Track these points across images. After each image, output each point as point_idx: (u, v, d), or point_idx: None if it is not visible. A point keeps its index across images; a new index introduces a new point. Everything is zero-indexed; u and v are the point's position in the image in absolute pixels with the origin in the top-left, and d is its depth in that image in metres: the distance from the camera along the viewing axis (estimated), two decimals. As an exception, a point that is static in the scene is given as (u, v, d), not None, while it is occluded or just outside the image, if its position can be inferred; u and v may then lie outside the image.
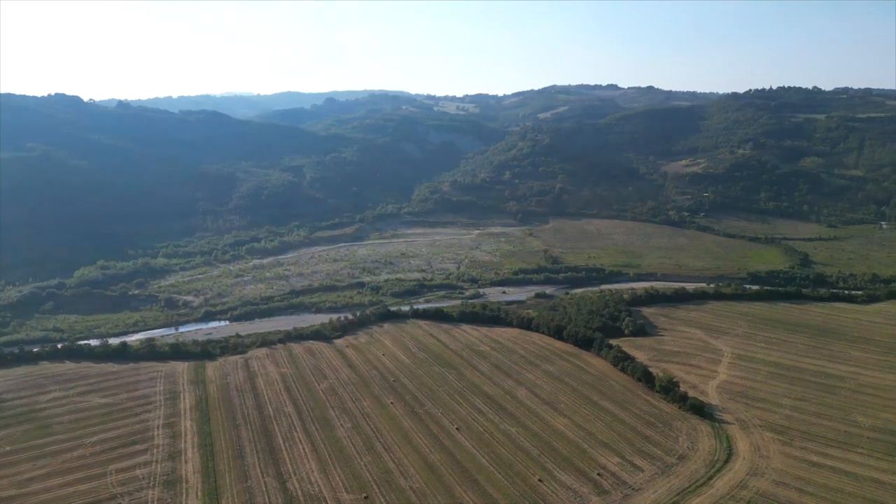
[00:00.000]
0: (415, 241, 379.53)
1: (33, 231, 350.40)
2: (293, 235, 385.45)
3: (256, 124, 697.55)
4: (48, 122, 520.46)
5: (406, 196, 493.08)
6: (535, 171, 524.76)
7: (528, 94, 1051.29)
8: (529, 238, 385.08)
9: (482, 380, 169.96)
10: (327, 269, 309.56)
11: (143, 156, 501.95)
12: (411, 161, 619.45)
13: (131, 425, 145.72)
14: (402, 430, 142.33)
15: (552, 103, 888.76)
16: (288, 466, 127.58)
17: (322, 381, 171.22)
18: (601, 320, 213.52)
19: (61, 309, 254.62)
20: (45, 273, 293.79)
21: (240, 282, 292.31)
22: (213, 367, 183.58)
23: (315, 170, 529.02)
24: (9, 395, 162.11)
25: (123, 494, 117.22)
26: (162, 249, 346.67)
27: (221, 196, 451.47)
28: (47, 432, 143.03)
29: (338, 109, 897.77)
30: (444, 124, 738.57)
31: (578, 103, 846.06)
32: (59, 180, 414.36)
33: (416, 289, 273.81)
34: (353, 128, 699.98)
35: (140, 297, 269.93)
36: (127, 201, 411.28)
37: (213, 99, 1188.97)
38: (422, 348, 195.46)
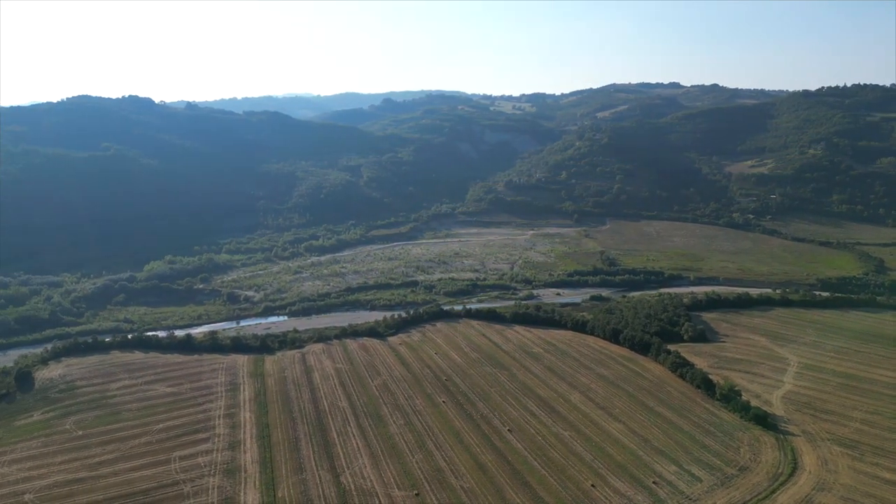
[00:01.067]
0: (468, 241, 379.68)
1: (107, 226, 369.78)
2: (350, 234, 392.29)
3: (316, 125, 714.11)
4: (122, 123, 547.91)
5: (460, 196, 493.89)
6: (592, 171, 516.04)
7: (587, 93, 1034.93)
8: (585, 239, 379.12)
9: (535, 382, 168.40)
10: (382, 268, 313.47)
11: (210, 155, 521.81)
12: (466, 161, 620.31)
13: (194, 414, 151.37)
14: (454, 429, 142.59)
15: (611, 102, 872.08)
16: (341, 460, 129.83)
17: (376, 377, 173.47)
18: (659, 325, 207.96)
19: (132, 301, 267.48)
20: (117, 267, 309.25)
21: (298, 278, 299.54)
22: (271, 361, 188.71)
23: (372, 169, 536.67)
24: (82, 382, 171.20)
25: (186, 481, 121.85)
26: (225, 246, 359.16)
27: (282, 194, 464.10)
28: (117, 419, 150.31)
29: (395, 110, 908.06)
30: (499, 124, 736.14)
31: (638, 102, 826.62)
32: (131, 179, 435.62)
33: (469, 289, 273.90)
34: (409, 128, 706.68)
35: (204, 292, 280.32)
36: (193, 199, 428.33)
37: (276, 100, 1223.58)
38: (474, 348, 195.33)
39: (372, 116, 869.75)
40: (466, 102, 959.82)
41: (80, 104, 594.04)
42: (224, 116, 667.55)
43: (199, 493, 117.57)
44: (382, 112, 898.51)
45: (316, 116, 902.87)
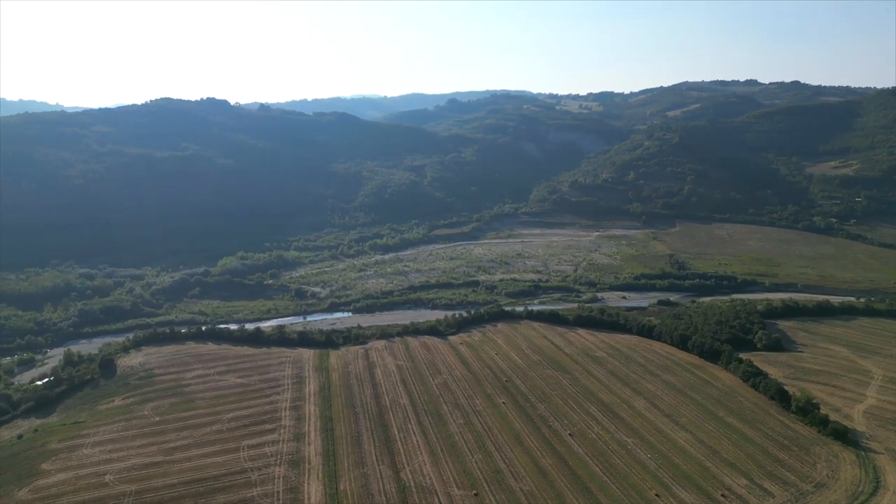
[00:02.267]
0: (531, 242, 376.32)
1: (185, 223, 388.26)
2: (413, 233, 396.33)
3: (382, 125, 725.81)
4: (200, 124, 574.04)
5: (524, 196, 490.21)
6: (661, 171, 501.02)
7: (657, 92, 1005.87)
8: (653, 242, 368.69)
9: (598, 386, 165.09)
10: (444, 267, 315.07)
11: (281, 155, 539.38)
12: (530, 160, 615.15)
13: (262, 405, 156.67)
14: (514, 430, 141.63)
15: (683, 101, 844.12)
16: (402, 457, 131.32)
17: (436, 375, 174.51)
18: (731, 332, 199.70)
19: (206, 294, 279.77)
20: (193, 262, 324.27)
21: (362, 276, 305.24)
22: (335, 356, 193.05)
23: (435, 169, 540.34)
24: (160, 371, 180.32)
25: (253, 469, 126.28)
26: (294, 243, 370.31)
27: (348, 194, 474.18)
28: (190, 406, 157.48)
29: (459, 110, 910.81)
30: (565, 123, 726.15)
31: (712, 100, 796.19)
32: (208, 177, 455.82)
33: (531, 290, 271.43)
34: (473, 128, 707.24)
35: (273, 287, 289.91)
36: (265, 197, 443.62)
37: (344, 101, 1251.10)
38: (535, 350, 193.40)
39: (436, 117, 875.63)
40: (532, 102, 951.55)
41: (162, 106, 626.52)
42: (294, 117, 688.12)
43: (265, 481, 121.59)
44: (447, 112, 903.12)
45: (382, 117, 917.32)
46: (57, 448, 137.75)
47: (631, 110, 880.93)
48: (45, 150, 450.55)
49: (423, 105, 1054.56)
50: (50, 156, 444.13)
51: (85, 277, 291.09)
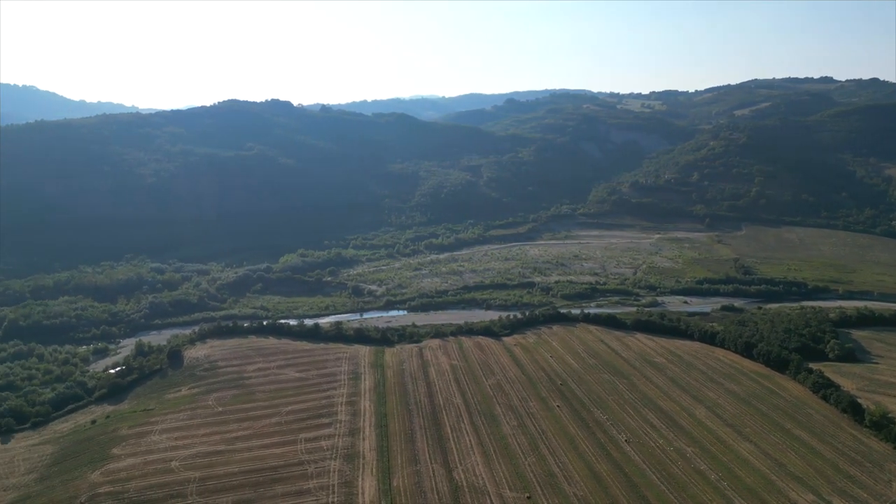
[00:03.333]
0: (589, 244, 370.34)
1: (248, 220, 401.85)
2: (468, 233, 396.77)
3: (439, 126, 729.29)
4: (264, 125, 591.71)
5: (582, 197, 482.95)
6: (727, 172, 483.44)
7: (724, 90, 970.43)
8: (717, 245, 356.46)
9: (656, 393, 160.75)
10: (499, 267, 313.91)
11: (340, 155, 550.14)
12: (590, 161, 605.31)
13: (319, 400, 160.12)
14: (568, 434, 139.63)
15: (751, 99, 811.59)
16: (454, 456, 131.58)
17: (490, 376, 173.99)
18: (800, 340, 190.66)
19: (268, 290, 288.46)
20: (256, 258, 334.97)
21: (418, 275, 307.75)
22: (390, 353, 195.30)
23: (492, 169, 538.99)
24: (223, 363, 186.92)
25: (310, 462, 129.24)
26: (352, 241, 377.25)
27: (405, 193, 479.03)
28: (252, 398, 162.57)
29: (517, 110, 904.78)
30: (626, 123, 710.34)
31: (783, 98, 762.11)
32: (271, 177, 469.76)
33: (588, 292, 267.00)
34: (531, 128, 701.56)
35: (332, 284, 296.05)
36: (325, 196, 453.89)
37: (402, 102, 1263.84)
38: (591, 354, 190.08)
39: (494, 116, 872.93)
40: (592, 101, 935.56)
41: (229, 108, 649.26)
42: (354, 118, 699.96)
43: (321, 474, 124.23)
44: (505, 112, 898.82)
45: (440, 117, 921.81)
46: (127, 434, 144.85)
47: (695, 109, 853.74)
48: (120, 150, 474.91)
49: (481, 105, 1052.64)
50: (125, 155, 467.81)
51: (156, 272, 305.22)
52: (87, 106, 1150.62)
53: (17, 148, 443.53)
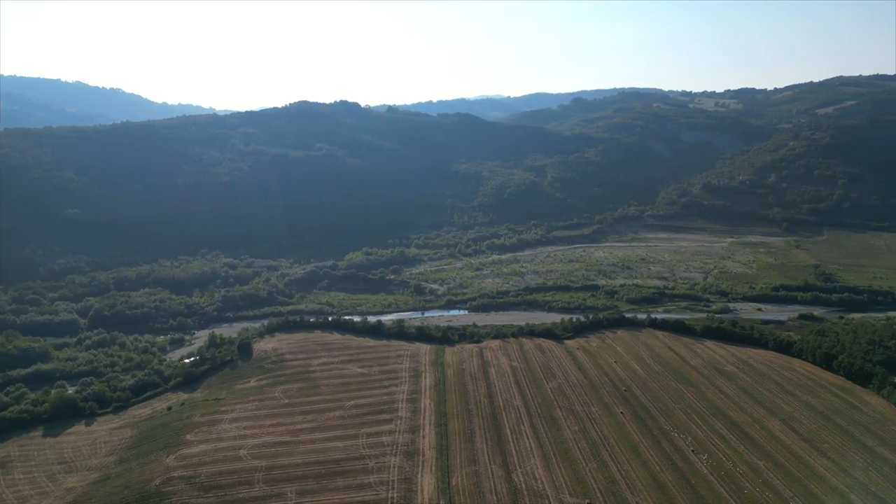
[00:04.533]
0: (657, 247, 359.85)
1: (315, 218, 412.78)
2: (531, 234, 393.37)
3: (504, 125, 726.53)
4: (333, 126, 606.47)
5: (650, 198, 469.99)
6: (808, 174, 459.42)
7: (805, 88, 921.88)
8: (796, 251, 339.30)
9: (726, 403, 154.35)
10: (562, 269, 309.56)
11: (405, 155, 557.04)
12: (659, 161, 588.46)
13: (380, 396, 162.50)
14: (632, 442, 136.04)
15: (836, 97, 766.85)
16: (514, 458, 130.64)
17: (551, 379, 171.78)
18: (885, 353, 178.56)
19: (333, 287, 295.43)
20: (322, 255, 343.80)
21: (479, 275, 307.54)
22: (451, 353, 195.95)
23: (556, 169, 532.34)
24: (290, 356, 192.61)
25: (371, 457, 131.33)
26: (415, 240, 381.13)
27: (468, 193, 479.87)
28: (316, 392, 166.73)
29: (584, 109, 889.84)
30: (698, 122, 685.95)
31: (871, 97, 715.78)
32: (338, 177, 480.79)
33: (655, 297, 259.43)
34: (598, 127, 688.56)
35: (394, 282, 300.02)
36: (389, 196, 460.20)
37: (467, 102, 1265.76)
38: (657, 360, 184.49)
39: (560, 116, 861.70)
40: (662, 100, 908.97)
41: (300, 109, 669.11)
42: (419, 119, 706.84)
43: (381, 469, 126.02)
44: (571, 112, 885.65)
45: (505, 117, 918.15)
46: (200, 421, 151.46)
47: (774, 108, 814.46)
48: (198, 150, 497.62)
49: (547, 104, 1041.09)
50: (202, 154, 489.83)
51: (228, 266, 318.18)
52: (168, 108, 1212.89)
53: (104, 147, 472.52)
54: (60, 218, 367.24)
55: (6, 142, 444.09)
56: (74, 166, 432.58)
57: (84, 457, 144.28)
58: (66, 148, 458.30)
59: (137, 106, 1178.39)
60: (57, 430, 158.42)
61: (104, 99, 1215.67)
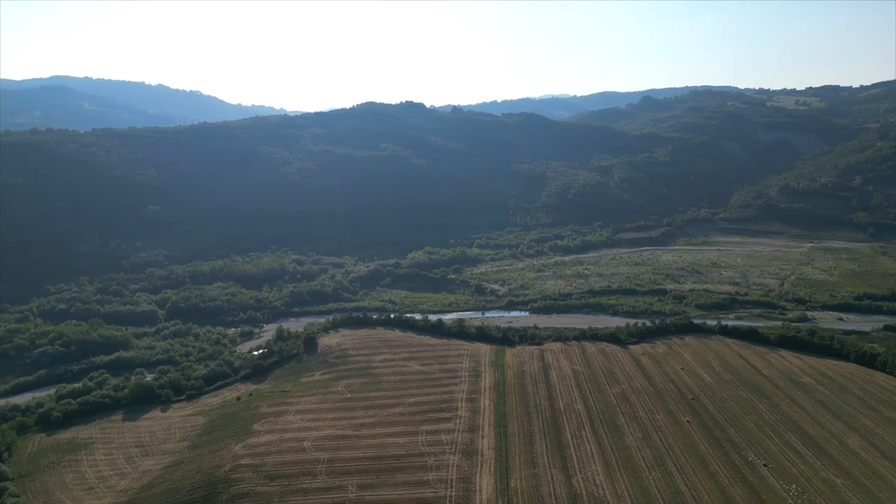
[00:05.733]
0: (729, 251, 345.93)
1: (379, 217, 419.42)
2: (595, 235, 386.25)
3: (569, 125, 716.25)
4: (398, 126, 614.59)
5: (722, 200, 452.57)
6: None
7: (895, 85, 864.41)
8: (882, 257, 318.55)
9: (802, 416, 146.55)
10: (627, 272, 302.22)
11: (469, 155, 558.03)
12: (733, 162, 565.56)
13: (440, 394, 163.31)
14: (698, 452, 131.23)
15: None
16: (574, 463, 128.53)
17: (614, 384, 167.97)
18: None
19: (395, 285, 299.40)
20: (386, 253, 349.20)
21: (541, 276, 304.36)
22: (511, 354, 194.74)
23: (623, 170, 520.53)
24: (353, 352, 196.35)
25: (430, 454, 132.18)
26: (476, 240, 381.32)
27: (531, 193, 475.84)
28: (378, 387, 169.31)
29: (654, 108, 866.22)
30: (776, 121, 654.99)
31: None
32: (402, 176, 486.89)
33: (726, 303, 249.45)
34: (668, 127, 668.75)
35: (455, 282, 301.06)
36: (452, 195, 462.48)
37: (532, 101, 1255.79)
38: (727, 369, 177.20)
39: (628, 115, 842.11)
40: (737, 98, 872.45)
41: (366, 110, 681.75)
42: (483, 119, 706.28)
43: (440, 467, 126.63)
44: (640, 111, 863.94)
45: (571, 117, 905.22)
46: (266, 412, 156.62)
47: (860, 106, 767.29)
48: (269, 149, 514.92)
49: (615, 103, 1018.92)
50: (273, 154, 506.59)
51: (296, 263, 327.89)
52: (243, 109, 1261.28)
53: (183, 147, 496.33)
54: (142, 214, 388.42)
55: (94, 141, 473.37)
56: (155, 165, 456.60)
57: (159, 441, 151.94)
58: (148, 147, 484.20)
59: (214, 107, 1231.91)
60: (135, 415, 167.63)
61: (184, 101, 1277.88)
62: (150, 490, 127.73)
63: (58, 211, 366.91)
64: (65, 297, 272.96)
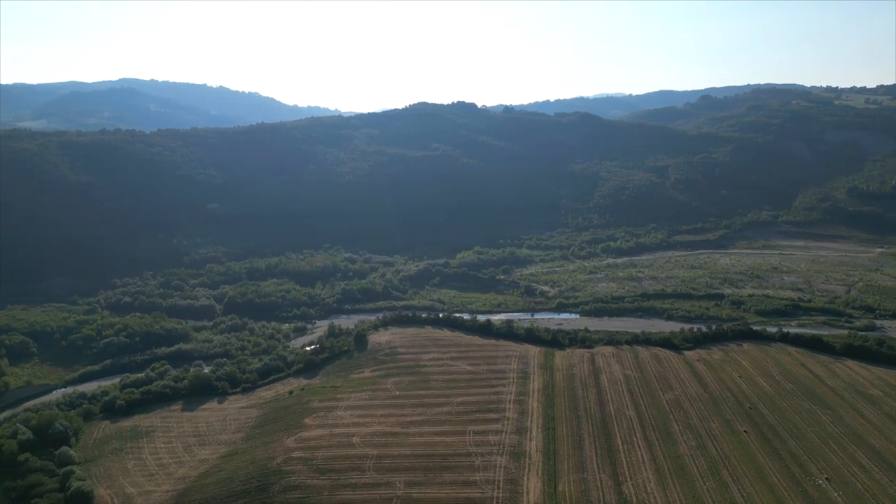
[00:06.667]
0: (792, 255, 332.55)
1: (429, 217, 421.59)
2: (650, 237, 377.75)
3: (624, 125, 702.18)
4: (450, 126, 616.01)
5: (785, 202, 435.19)
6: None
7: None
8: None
9: (867, 429, 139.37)
10: (683, 276, 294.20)
11: (520, 155, 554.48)
12: (797, 163, 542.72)
13: (488, 395, 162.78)
14: (756, 464, 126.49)
15: None
16: (624, 469, 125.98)
17: (667, 391, 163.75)
18: None
19: (444, 284, 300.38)
20: (435, 253, 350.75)
21: (592, 278, 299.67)
22: (560, 356, 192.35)
23: (680, 171, 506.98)
24: (402, 350, 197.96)
25: (477, 454, 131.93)
26: (526, 241, 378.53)
27: (583, 194, 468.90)
28: (426, 386, 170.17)
29: (713, 107, 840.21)
30: (845, 120, 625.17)
31: None
32: (453, 176, 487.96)
33: (788, 309, 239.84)
34: (728, 126, 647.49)
35: (504, 282, 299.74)
36: (502, 195, 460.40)
37: (586, 101, 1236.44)
38: (788, 378, 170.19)
39: (686, 115, 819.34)
40: (803, 97, 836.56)
41: (418, 110, 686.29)
42: (536, 118, 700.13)
43: (487, 468, 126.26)
44: (698, 110, 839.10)
45: (626, 116, 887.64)
46: (317, 407, 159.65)
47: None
48: (324, 150, 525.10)
49: (672, 102, 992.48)
50: (328, 154, 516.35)
51: (348, 261, 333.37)
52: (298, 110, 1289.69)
53: (241, 146, 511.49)
54: (203, 211, 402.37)
55: (158, 141, 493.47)
56: (216, 164, 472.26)
57: (216, 432, 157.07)
58: (209, 147, 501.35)
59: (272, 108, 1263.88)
60: (193, 406, 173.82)
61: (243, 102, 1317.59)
62: (206, 479, 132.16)
63: (124, 208, 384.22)
64: (130, 290, 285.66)
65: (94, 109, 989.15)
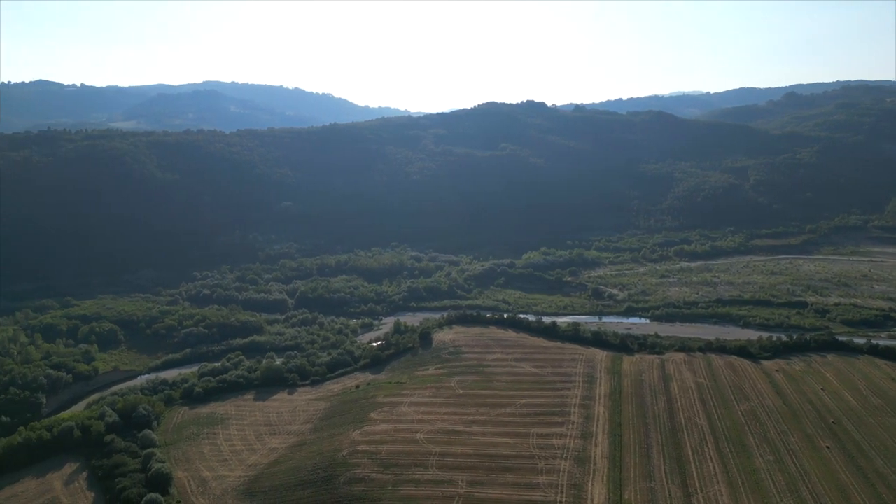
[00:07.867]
0: (883, 262, 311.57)
1: (496, 217, 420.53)
2: (726, 241, 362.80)
3: (701, 123, 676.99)
4: (518, 126, 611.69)
5: (878, 206, 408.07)
6: None
7: None
8: None
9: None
10: (762, 282, 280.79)
11: (590, 155, 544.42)
12: (891, 164, 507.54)
13: (552, 398, 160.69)
14: (838, 482, 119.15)
15: None
16: (694, 480, 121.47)
17: (742, 401, 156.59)
18: None
19: (509, 285, 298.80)
20: (500, 253, 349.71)
21: (664, 282, 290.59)
22: (629, 362, 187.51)
23: (761, 172, 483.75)
24: (466, 349, 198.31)
25: (540, 457, 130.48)
26: (594, 243, 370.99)
27: (656, 195, 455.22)
28: (489, 386, 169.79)
29: (798, 105, 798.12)
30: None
31: None
32: (521, 176, 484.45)
33: (878, 320, 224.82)
34: (814, 125, 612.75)
35: (571, 284, 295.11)
36: (570, 196, 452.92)
37: (661, 99, 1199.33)
38: (877, 392, 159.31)
39: (768, 113, 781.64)
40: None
41: (487, 110, 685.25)
42: (607, 117, 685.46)
43: (550, 471, 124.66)
44: (782, 108, 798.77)
45: (703, 115, 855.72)
46: (383, 402, 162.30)
47: None
48: (393, 149, 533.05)
49: (753, 100, 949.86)
50: (397, 154, 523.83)
51: (414, 259, 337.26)
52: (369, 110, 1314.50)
53: (314, 146, 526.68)
54: (277, 209, 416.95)
55: (237, 141, 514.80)
56: (290, 163, 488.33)
57: (285, 422, 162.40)
58: (284, 147, 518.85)
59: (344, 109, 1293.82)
60: (265, 396, 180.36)
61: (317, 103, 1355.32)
62: (275, 467, 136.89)
63: (205, 204, 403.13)
64: (208, 283, 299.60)
65: (179, 111, 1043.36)
